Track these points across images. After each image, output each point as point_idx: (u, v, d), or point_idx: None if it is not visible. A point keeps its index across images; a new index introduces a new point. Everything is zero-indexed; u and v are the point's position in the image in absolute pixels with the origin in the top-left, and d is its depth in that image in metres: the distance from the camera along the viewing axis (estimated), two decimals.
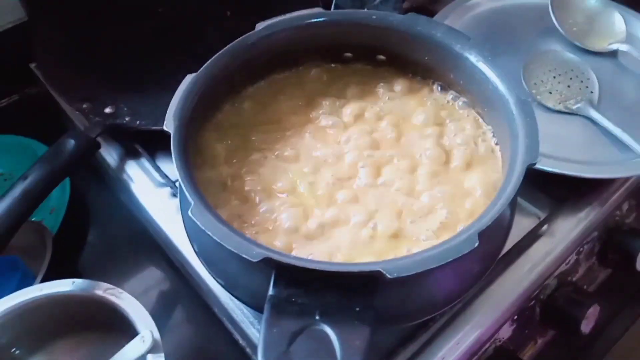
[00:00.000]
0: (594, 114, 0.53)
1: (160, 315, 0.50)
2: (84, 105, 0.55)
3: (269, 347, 0.31)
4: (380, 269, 0.31)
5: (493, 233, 0.34)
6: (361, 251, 0.38)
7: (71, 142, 0.50)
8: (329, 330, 0.31)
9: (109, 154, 0.56)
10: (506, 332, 0.46)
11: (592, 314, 0.47)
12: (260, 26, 0.46)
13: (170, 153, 0.54)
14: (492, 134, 0.45)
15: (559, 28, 0.61)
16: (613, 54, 0.60)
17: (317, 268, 0.32)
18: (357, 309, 0.32)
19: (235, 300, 0.44)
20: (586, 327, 0.47)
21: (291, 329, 0.31)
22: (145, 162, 0.55)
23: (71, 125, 0.58)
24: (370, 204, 0.41)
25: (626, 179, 0.52)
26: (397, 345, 0.42)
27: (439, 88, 0.48)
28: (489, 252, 0.37)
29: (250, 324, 0.44)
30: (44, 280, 0.48)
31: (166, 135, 0.39)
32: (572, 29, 0.61)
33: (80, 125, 0.56)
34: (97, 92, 0.56)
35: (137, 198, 0.53)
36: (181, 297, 0.52)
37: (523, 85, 0.56)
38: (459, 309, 0.44)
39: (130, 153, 0.56)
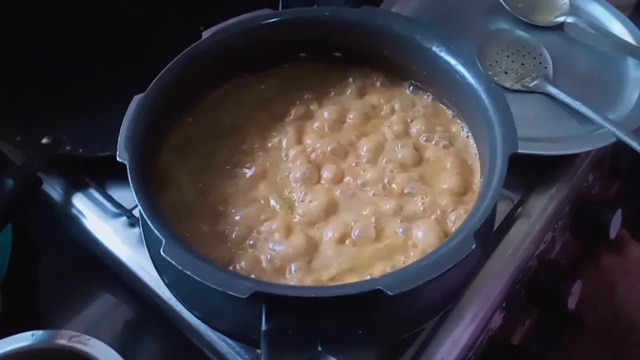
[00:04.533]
0: (552, 90, 0.53)
1: (133, 353, 0.47)
2: (18, 138, 0.50)
3: None
4: (381, 287, 0.29)
5: (484, 229, 0.33)
6: (351, 264, 0.36)
7: (9, 182, 0.45)
8: None
9: (53, 189, 0.51)
10: (497, 320, 0.46)
11: (576, 290, 0.47)
12: (207, 33, 0.43)
13: (122, 179, 0.50)
14: (461, 124, 0.44)
15: (504, 5, 0.60)
16: (560, 27, 0.60)
17: (312, 295, 0.29)
18: (360, 331, 0.30)
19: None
20: (572, 303, 0.47)
21: None
22: (94, 192, 0.51)
23: (6, 162, 0.52)
24: (348, 212, 0.39)
25: (589, 151, 0.53)
26: (391, 354, 0.41)
27: (403, 82, 0.46)
28: (482, 247, 0.36)
29: (237, 355, 0.42)
30: None
31: (114, 161, 0.36)
32: (517, 5, 0.61)
33: (16, 160, 0.51)
34: (31, 122, 0.51)
35: (91, 233, 0.49)
36: (153, 329, 0.49)
37: (479, 68, 0.55)
38: (449, 307, 0.42)
39: (76, 185, 0.51)
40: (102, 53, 0.56)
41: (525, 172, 0.51)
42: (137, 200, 0.34)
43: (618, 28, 0.59)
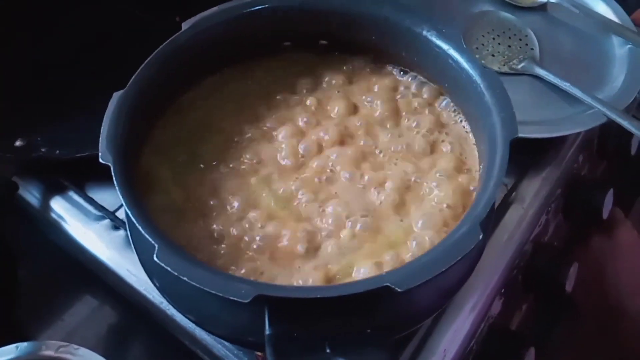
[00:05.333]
0: (540, 71, 0.53)
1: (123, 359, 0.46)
2: None
3: None
4: (388, 284, 0.28)
5: (487, 218, 0.32)
6: (352, 258, 0.35)
7: None
8: None
9: (30, 194, 0.48)
10: (496, 307, 0.46)
11: (573, 272, 0.47)
12: (186, 25, 0.41)
13: (102, 181, 0.49)
14: (454, 111, 0.42)
15: None
16: (543, 7, 0.59)
17: (317, 296, 0.28)
18: (368, 330, 0.29)
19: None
20: (569, 286, 0.47)
21: None
22: (74, 195, 0.48)
23: None
24: (344, 203, 0.38)
25: (579, 132, 0.52)
26: (394, 349, 0.40)
27: (393, 69, 0.45)
28: (485, 236, 0.35)
29: (235, 357, 0.40)
30: None
31: (93, 162, 0.34)
32: None
33: None
34: (2, 125, 0.48)
35: (73, 238, 0.47)
36: (142, 334, 0.47)
37: (472, 53, 0.54)
38: None
39: (54, 188, 0.48)
40: (74, 52, 0.54)
41: (517, 157, 0.50)
42: (125, 204, 0.32)
43: (601, 7, 0.59)
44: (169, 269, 0.29)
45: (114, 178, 0.33)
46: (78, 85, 0.51)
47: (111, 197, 0.47)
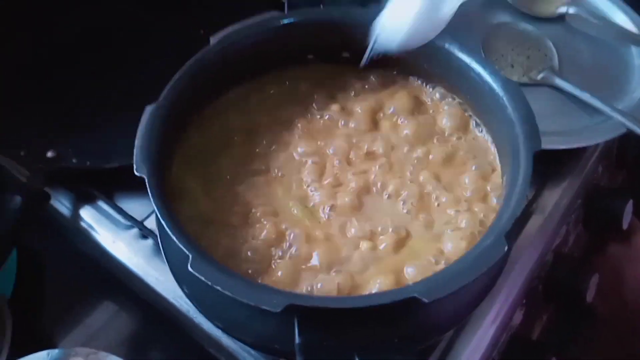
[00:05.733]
0: (559, 82, 0.53)
1: None
2: (22, 153, 0.48)
3: None
4: (416, 295, 0.29)
5: (512, 230, 0.32)
6: (375, 271, 0.36)
7: (17, 199, 0.44)
8: None
9: (61, 203, 0.50)
10: (518, 317, 0.46)
11: (594, 283, 0.48)
12: (214, 39, 0.42)
13: (130, 190, 0.50)
14: (475, 123, 0.43)
15: None
16: (561, 18, 0.60)
17: (346, 306, 0.29)
18: (395, 340, 0.30)
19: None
20: (590, 296, 0.47)
21: None
22: (103, 205, 0.49)
23: (11, 179, 0.51)
24: (369, 216, 0.39)
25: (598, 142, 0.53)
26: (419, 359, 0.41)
27: (415, 81, 0.46)
28: (509, 247, 0.36)
29: None
30: (11, 356, 0.43)
31: (121, 172, 0.35)
32: None
33: (21, 176, 0.50)
34: (34, 136, 0.50)
35: (102, 246, 0.48)
36: (168, 342, 0.48)
37: (494, 66, 0.55)
38: None
39: (84, 198, 0.50)
40: (103, 64, 0.55)
41: (537, 167, 0.50)
42: (159, 216, 0.33)
43: (620, 17, 0.59)
44: (203, 278, 0.30)
45: (148, 190, 0.34)
46: (106, 98, 0.52)
47: (139, 207, 0.48)
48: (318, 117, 0.45)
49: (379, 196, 0.40)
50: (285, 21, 0.43)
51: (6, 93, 0.51)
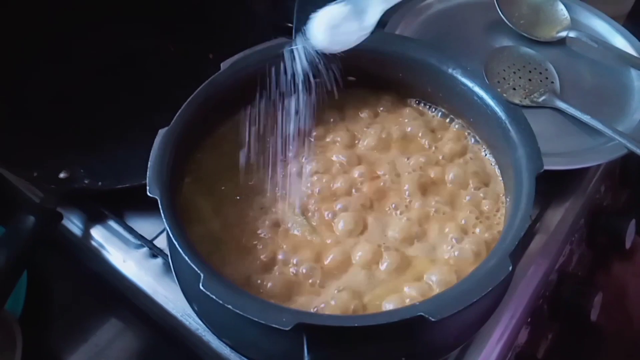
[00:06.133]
0: (560, 104, 0.54)
1: None
2: (35, 174, 0.49)
3: None
4: (422, 314, 0.29)
5: (516, 250, 0.33)
6: (382, 290, 0.36)
7: (30, 219, 0.45)
8: None
9: (72, 223, 0.51)
10: (523, 337, 0.46)
11: (598, 301, 0.48)
12: (225, 65, 0.43)
13: (140, 210, 0.51)
14: (476, 141, 0.44)
15: (507, 22, 0.61)
16: (562, 42, 0.61)
17: (355, 325, 0.30)
18: (403, 358, 0.30)
19: None
20: (594, 315, 0.48)
21: None
22: (114, 224, 0.50)
23: (24, 199, 0.52)
24: (373, 234, 0.40)
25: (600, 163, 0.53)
26: None
27: (419, 104, 0.47)
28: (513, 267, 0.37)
29: None
30: None
31: (131, 192, 0.36)
32: (519, 22, 0.62)
33: (34, 197, 0.51)
34: (46, 157, 0.51)
35: (113, 265, 0.49)
36: (176, 358, 0.49)
37: (497, 90, 0.56)
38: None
39: (95, 218, 0.51)
40: (115, 88, 0.57)
41: (540, 188, 0.51)
42: (172, 236, 0.34)
43: (619, 40, 0.60)
44: (214, 297, 0.31)
45: (161, 211, 0.35)
46: (117, 121, 0.54)
47: (149, 226, 0.49)
48: (324, 138, 0.46)
49: (383, 214, 0.41)
50: (292, 47, 0.44)
51: (20, 115, 0.52)
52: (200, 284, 0.31)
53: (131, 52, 0.59)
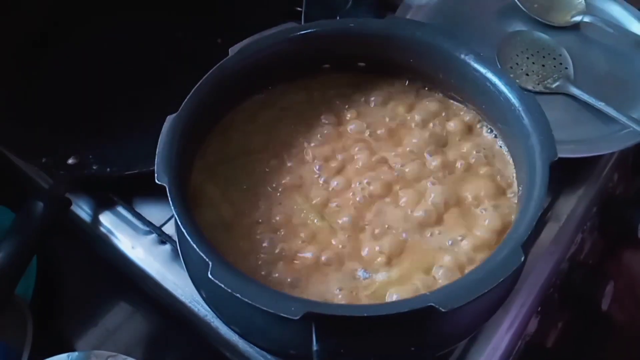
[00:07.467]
0: (574, 90, 0.53)
1: None
2: (43, 160, 0.49)
3: None
4: (433, 304, 0.29)
5: (529, 239, 0.33)
6: (393, 277, 0.36)
7: (39, 205, 0.45)
8: None
9: (81, 209, 0.51)
10: (533, 325, 0.46)
11: (609, 290, 0.48)
12: (233, 50, 0.43)
13: (149, 196, 0.51)
14: (491, 132, 0.44)
15: (520, 6, 0.60)
16: (576, 26, 0.60)
17: (364, 314, 0.29)
18: (412, 348, 0.30)
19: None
20: (605, 304, 0.47)
21: None
22: (122, 210, 0.50)
23: (34, 185, 0.52)
24: (382, 224, 0.39)
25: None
26: None
27: (430, 90, 0.46)
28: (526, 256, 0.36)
29: None
30: (31, 357, 0.44)
31: (140, 178, 0.36)
32: (533, 6, 0.61)
33: (43, 183, 0.51)
34: (55, 143, 0.51)
35: (122, 251, 0.49)
36: (185, 346, 0.49)
37: (510, 76, 0.55)
38: None
39: (104, 204, 0.51)
40: (123, 72, 0.56)
41: (552, 175, 0.50)
42: (180, 223, 0.34)
43: (635, 26, 0.59)
44: (222, 285, 0.31)
45: (169, 198, 0.34)
46: (126, 107, 0.53)
47: (158, 212, 0.49)
48: (336, 125, 0.45)
49: (394, 206, 0.41)
50: (303, 32, 0.44)
51: (29, 101, 0.52)
52: (209, 272, 0.31)
53: (139, 38, 0.59)
